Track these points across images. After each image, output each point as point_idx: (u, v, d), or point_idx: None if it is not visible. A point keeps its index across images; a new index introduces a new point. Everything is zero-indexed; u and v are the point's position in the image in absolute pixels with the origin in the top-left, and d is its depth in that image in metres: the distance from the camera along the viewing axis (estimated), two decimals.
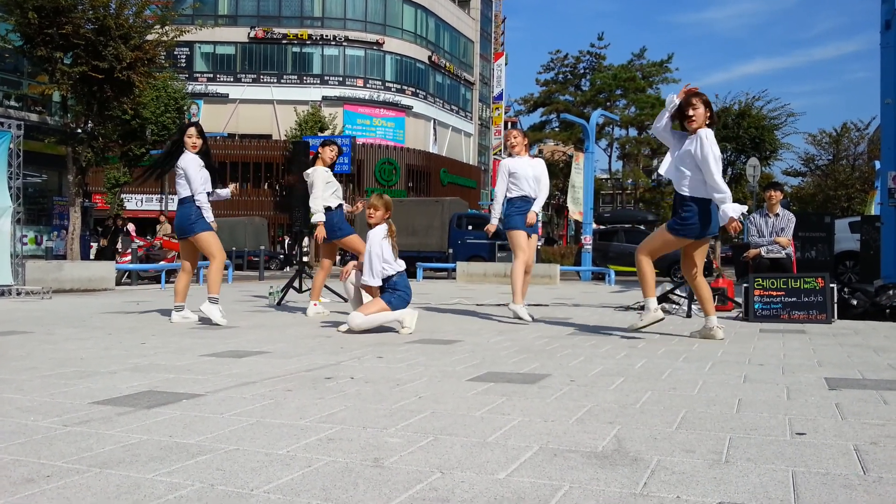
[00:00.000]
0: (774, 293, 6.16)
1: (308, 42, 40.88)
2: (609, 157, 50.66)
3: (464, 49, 51.19)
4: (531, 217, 6.18)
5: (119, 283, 12.45)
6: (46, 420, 2.40)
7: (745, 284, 6.39)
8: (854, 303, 6.39)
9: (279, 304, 7.85)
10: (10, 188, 9.32)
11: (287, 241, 31.93)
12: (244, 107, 40.43)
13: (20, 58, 18.91)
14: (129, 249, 14.75)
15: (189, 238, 5.87)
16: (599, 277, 17.42)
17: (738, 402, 2.70)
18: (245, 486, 1.71)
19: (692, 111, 4.57)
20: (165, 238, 15.83)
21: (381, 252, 5.18)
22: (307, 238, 16.04)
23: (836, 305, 6.19)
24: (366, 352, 4.13)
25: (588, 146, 19.36)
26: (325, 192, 6.55)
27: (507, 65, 59.16)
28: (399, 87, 42.45)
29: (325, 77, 41.04)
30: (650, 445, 2.08)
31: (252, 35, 40.52)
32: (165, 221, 17.51)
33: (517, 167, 6.17)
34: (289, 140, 36.26)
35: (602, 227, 21.34)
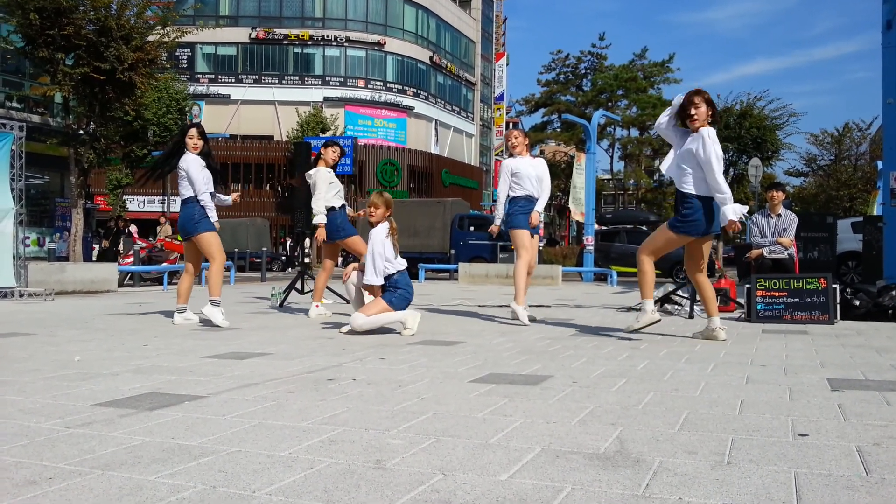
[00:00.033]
0: (777, 294, 6.16)
1: (309, 43, 40.91)
2: (611, 158, 50.74)
3: (465, 49, 51.20)
4: (535, 218, 6.15)
5: (121, 285, 12.46)
6: (49, 422, 2.40)
7: (748, 285, 6.38)
8: (856, 303, 6.38)
9: (281, 306, 7.85)
10: (13, 190, 9.34)
11: (289, 243, 31.96)
12: (246, 108, 40.47)
13: (22, 59, 18.95)
14: (132, 251, 14.77)
15: (192, 238, 5.85)
16: (601, 278, 17.41)
17: (741, 404, 2.70)
18: (247, 488, 1.71)
19: (694, 110, 4.56)
20: (168, 240, 15.84)
21: (384, 251, 5.18)
22: (308, 239, 16.04)
23: (839, 306, 6.18)
24: (368, 353, 4.13)
25: (589, 147, 19.35)
26: (328, 193, 6.54)
27: (509, 65, 59.22)
28: (400, 88, 42.47)
29: (327, 78, 41.07)
30: (652, 447, 2.08)
31: (253, 36, 40.56)
32: (166, 223, 17.52)
33: (519, 167, 6.16)
34: (290, 141, 36.29)
35: (604, 228, 21.33)
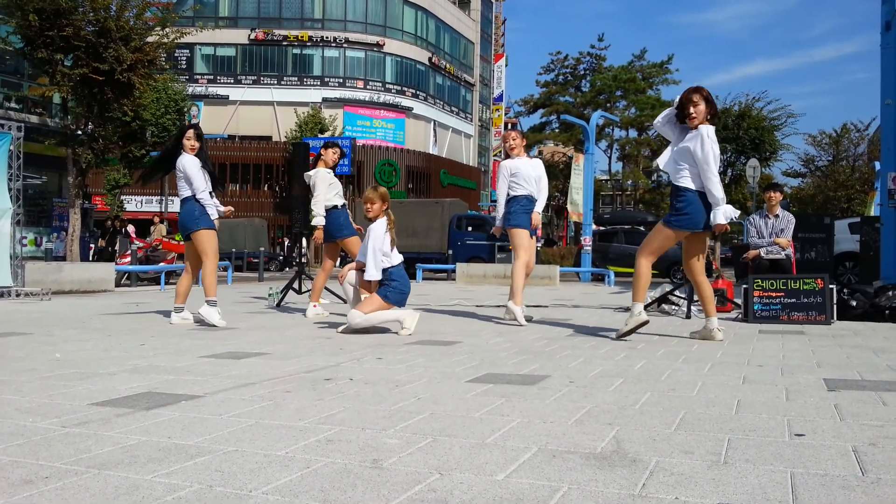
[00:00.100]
0: (774, 294, 6.16)
1: (308, 44, 40.92)
2: (609, 159, 50.75)
3: (464, 50, 51.22)
4: (535, 219, 6.14)
5: (119, 285, 12.46)
6: (45, 421, 2.40)
7: (745, 285, 6.38)
8: (853, 304, 6.39)
9: (278, 306, 7.85)
10: (10, 190, 9.33)
11: (286, 243, 31.94)
12: (244, 108, 40.46)
13: (21, 60, 18.92)
14: (128, 251, 14.75)
15: (191, 234, 5.85)
16: (599, 278, 17.42)
17: (737, 404, 2.70)
18: (244, 488, 1.71)
19: (693, 108, 4.53)
20: (165, 240, 15.84)
21: (383, 245, 5.18)
22: (305, 239, 16.04)
23: (836, 306, 6.19)
24: (365, 353, 4.13)
25: (588, 147, 19.39)
26: (328, 193, 6.56)
27: (507, 66, 59.26)
28: (399, 89, 42.48)
29: (326, 78, 41.07)
30: (649, 446, 2.08)
31: (252, 37, 40.56)
32: (160, 223, 17.51)
33: (518, 167, 6.15)
34: (289, 142, 36.28)
35: (602, 229, 21.34)
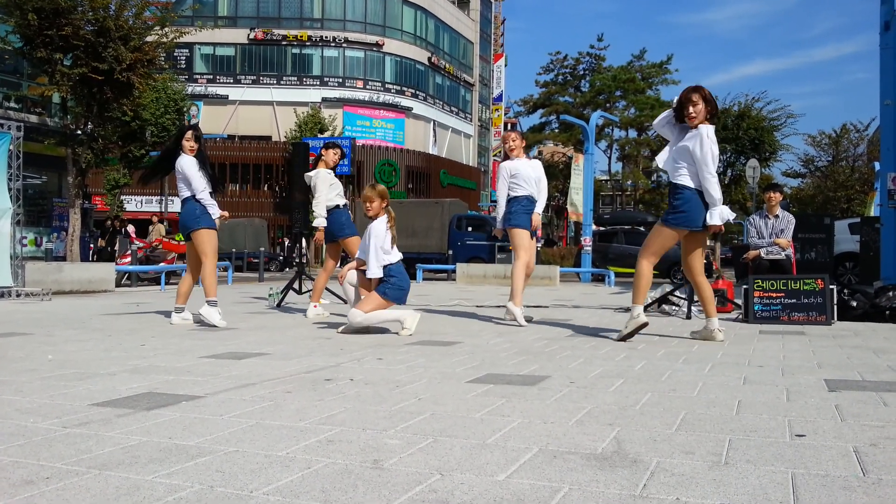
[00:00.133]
0: (774, 295, 6.16)
1: (308, 43, 40.91)
2: (609, 159, 50.74)
3: (463, 50, 51.22)
4: (536, 220, 6.13)
5: (119, 285, 12.45)
6: (46, 422, 2.40)
7: (745, 286, 6.38)
8: (854, 304, 6.39)
9: (279, 306, 7.85)
10: (10, 190, 9.32)
11: (286, 243, 31.94)
12: (244, 108, 40.45)
13: (20, 59, 18.92)
14: (128, 251, 14.74)
15: (192, 234, 5.85)
16: (599, 279, 17.42)
17: (738, 404, 2.70)
18: (244, 488, 1.71)
19: (692, 107, 4.50)
20: (165, 240, 15.83)
21: (384, 244, 5.18)
22: (304, 240, 16.04)
23: (836, 307, 6.19)
24: (365, 353, 4.13)
25: (588, 147, 19.38)
26: (330, 194, 6.57)
27: (507, 66, 59.26)
28: (399, 89, 42.48)
29: (325, 78, 41.06)
30: (650, 447, 2.08)
31: (252, 36, 40.55)
32: (158, 223, 17.49)
33: (517, 168, 6.15)
34: (288, 141, 36.28)
35: (602, 229, 21.36)
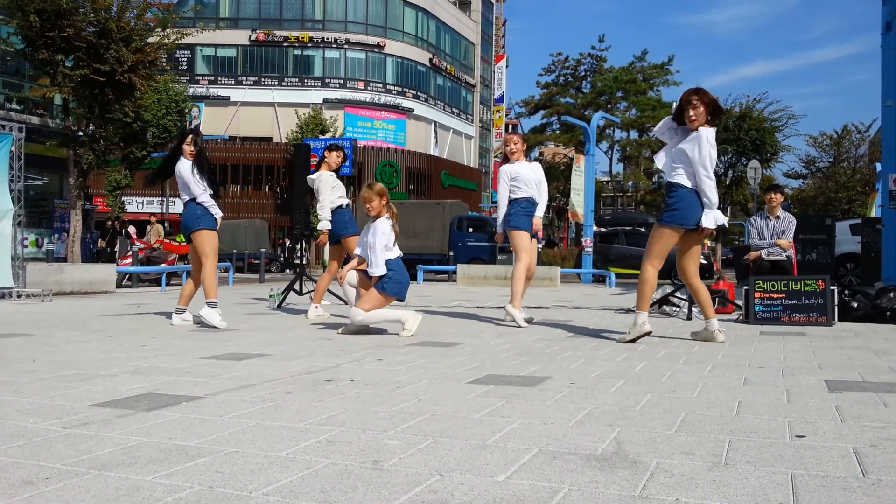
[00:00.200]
0: (775, 296, 6.16)
1: (309, 45, 40.93)
2: (610, 160, 50.71)
3: (465, 51, 51.23)
4: (537, 223, 6.13)
5: (119, 286, 12.46)
6: (46, 422, 2.40)
7: (746, 287, 6.38)
8: (854, 305, 6.38)
9: (279, 307, 7.85)
10: (12, 191, 9.34)
11: (287, 244, 31.95)
12: (245, 109, 40.47)
13: (22, 61, 18.94)
14: (129, 252, 14.75)
15: (192, 235, 5.86)
16: (600, 280, 17.42)
17: (738, 405, 2.70)
18: (244, 489, 1.71)
19: (692, 110, 4.48)
20: (166, 241, 15.84)
21: (388, 242, 5.18)
22: (304, 241, 16.03)
23: (837, 308, 6.18)
24: (365, 354, 4.13)
25: (589, 148, 19.38)
26: (332, 196, 6.61)
27: (508, 67, 59.25)
28: (400, 90, 42.49)
29: (326, 80, 41.08)
30: (650, 448, 2.08)
31: (253, 38, 40.57)
32: (156, 223, 17.47)
33: (518, 171, 6.14)
34: (290, 143, 36.30)
35: (603, 230, 21.36)
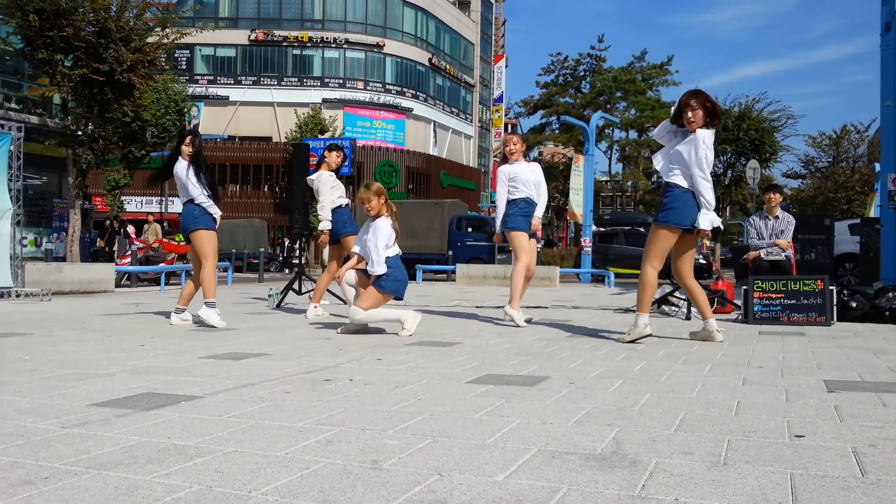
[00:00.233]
0: (774, 295, 6.16)
1: (308, 44, 40.91)
2: (609, 160, 50.71)
3: (464, 51, 51.22)
4: (535, 224, 6.13)
5: (118, 285, 12.46)
6: (45, 422, 2.40)
7: (745, 287, 6.38)
8: (853, 305, 6.39)
9: (278, 307, 7.85)
10: (10, 190, 9.32)
11: (286, 244, 31.94)
12: (244, 109, 40.45)
13: (21, 60, 18.91)
14: (128, 251, 14.74)
15: (190, 235, 5.87)
16: (599, 280, 17.42)
17: (737, 405, 2.70)
18: (243, 488, 1.71)
19: (691, 112, 4.48)
20: (165, 240, 15.83)
21: (389, 241, 5.18)
22: (303, 241, 16.03)
23: (836, 308, 6.18)
24: (365, 354, 4.13)
25: (588, 148, 19.38)
26: (332, 196, 6.62)
27: (508, 67, 59.27)
28: (399, 90, 42.48)
29: (326, 79, 41.06)
30: (649, 447, 2.08)
31: (252, 37, 40.55)
32: (154, 222, 17.46)
33: (516, 171, 6.14)
34: (289, 142, 36.29)
35: (602, 230, 21.35)
